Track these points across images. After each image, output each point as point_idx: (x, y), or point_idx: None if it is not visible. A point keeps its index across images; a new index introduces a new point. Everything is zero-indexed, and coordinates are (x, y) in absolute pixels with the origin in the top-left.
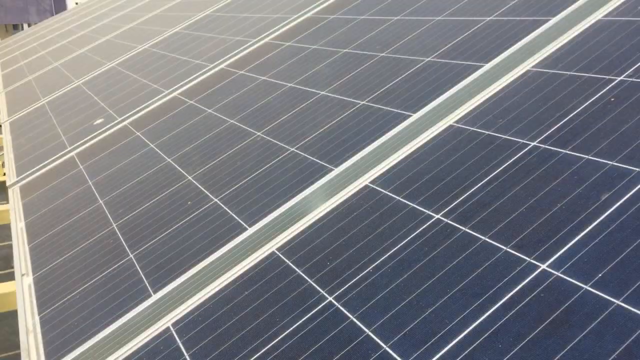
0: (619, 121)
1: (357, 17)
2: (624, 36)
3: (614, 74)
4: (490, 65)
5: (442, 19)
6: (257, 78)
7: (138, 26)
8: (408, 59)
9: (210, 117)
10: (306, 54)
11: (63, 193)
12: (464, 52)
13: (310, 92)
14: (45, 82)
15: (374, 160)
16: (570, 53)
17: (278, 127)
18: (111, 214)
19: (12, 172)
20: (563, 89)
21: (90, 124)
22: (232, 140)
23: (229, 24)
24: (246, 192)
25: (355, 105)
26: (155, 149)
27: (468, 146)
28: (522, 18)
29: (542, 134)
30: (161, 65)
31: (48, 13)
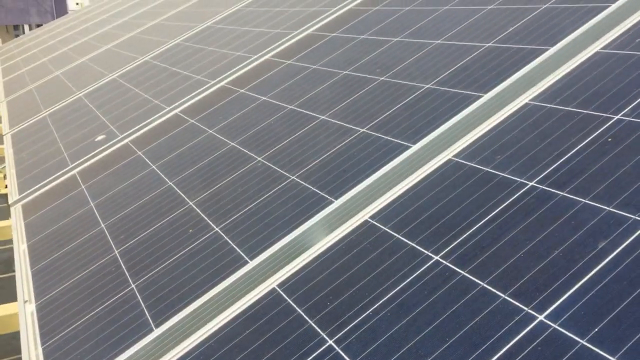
0: (616, 164)
1: (357, 37)
2: (622, 71)
3: (611, 112)
4: (489, 96)
5: (441, 43)
6: (257, 98)
7: (138, 35)
8: (408, 85)
9: (211, 139)
10: (306, 74)
11: (65, 214)
12: (463, 80)
13: (311, 116)
14: (46, 92)
15: (373, 194)
16: (568, 87)
17: (278, 152)
18: (113, 239)
19: (14, 189)
20: (561, 126)
21: (92, 140)
22: (233, 164)
23: (229, 37)
24: (247, 222)
25: (355, 133)
26: (156, 171)
27: (467, 183)
28: (520, 46)
29: (540, 173)
30: (162, 80)
31: (49, 14)
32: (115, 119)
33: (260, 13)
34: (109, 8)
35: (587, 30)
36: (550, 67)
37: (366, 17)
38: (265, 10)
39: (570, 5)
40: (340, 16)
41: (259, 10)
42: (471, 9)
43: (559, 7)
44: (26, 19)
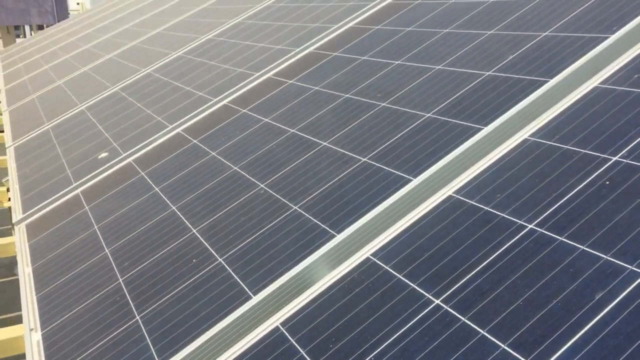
0: (613, 210)
1: (358, 58)
2: (620, 109)
3: (609, 153)
4: (489, 129)
5: (441, 69)
6: (260, 119)
7: (141, 45)
8: (409, 113)
9: (213, 162)
10: (308, 96)
11: (69, 237)
12: (464, 111)
13: (312, 142)
14: (48, 102)
15: (375, 229)
16: (566, 123)
17: (281, 179)
18: (117, 266)
19: (17, 207)
20: (559, 165)
21: (95, 157)
22: (236, 191)
23: (231, 51)
24: (250, 254)
25: (356, 162)
26: (159, 194)
27: (467, 222)
28: (520, 76)
29: (538, 215)
30: (165, 95)
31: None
32: (117, 135)
33: (262, 27)
34: (109, 14)
35: (585, 62)
36: (549, 101)
37: (367, 36)
38: (267, 24)
39: (569, 35)
40: (342, 35)
41: (260, 24)
42: (471, 34)
43: (558, 36)
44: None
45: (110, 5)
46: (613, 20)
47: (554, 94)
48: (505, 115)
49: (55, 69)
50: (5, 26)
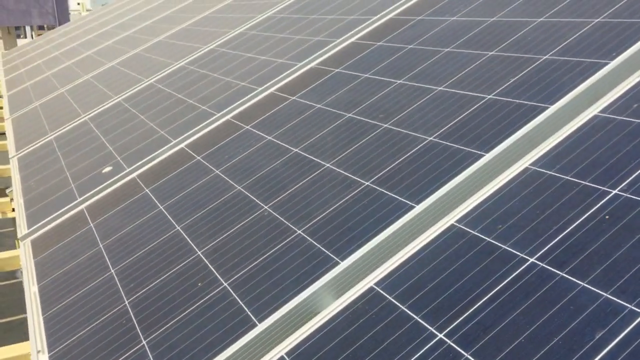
0: (613, 245)
1: (360, 75)
2: (619, 140)
3: (609, 186)
4: (491, 156)
5: (443, 90)
6: (263, 137)
7: (142, 53)
8: (411, 136)
9: (217, 180)
10: (311, 114)
11: (74, 255)
12: (465, 135)
13: (316, 163)
14: (51, 111)
15: (378, 257)
16: (567, 152)
17: (285, 201)
18: (123, 287)
19: (22, 222)
20: (560, 197)
21: (99, 171)
22: (240, 212)
23: (234, 63)
24: (255, 279)
25: (359, 186)
26: (164, 212)
27: (469, 253)
28: (521, 101)
29: (540, 248)
30: (168, 107)
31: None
32: (121, 149)
33: (264, 39)
34: (110, 19)
35: (585, 89)
36: (549, 129)
37: (369, 53)
38: (268, 36)
39: (569, 59)
40: (343, 50)
41: (262, 36)
42: (473, 54)
43: (558, 60)
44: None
45: (111, 9)
46: (612, 45)
47: (554, 121)
48: (506, 142)
49: (57, 76)
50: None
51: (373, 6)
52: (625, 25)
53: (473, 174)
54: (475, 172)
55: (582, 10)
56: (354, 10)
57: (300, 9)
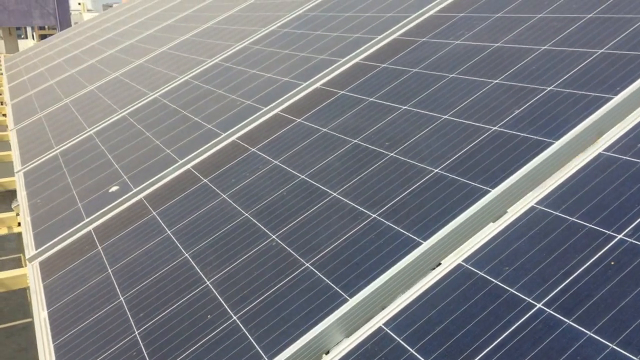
0: (619, 294)
1: (365, 99)
2: (623, 181)
3: (614, 230)
4: (497, 192)
5: (448, 119)
6: (269, 161)
7: (146, 64)
8: (417, 167)
9: (224, 206)
10: (317, 138)
11: (83, 280)
12: (471, 169)
13: (322, 192)
14: (56, 123)
15: (386, 295)
16: (572, 192)
17: (292, 231)
18: (132, 317)
19: (30, 242)
20: (566, 239)
21: (106, 190)
22: (248, 240)
23: (238, 80)
24: (264, 313)
25: (366, 218)
26: (172, 237)
27: (477, 296)
28: (526, 135)
29: (547, 294)
30: (173, 125)
31: (51, 17)
32: (127, 167)
33: (268, 55)
34: (112, 26)
35: (590, 125)
36: (555, 165)
37: (373, 75)
38: (273, 51)
39: (574, 92)
40: (348, 71)
41: (266, 51)
42: (477, 81)
43: (563, 92)
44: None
45: (112, 16)
46: (616, 79)
47: (559, 158)
48: (512, 178)
49: (61, 85)
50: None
51: (376, 25)
52: (628, 58)
53: (479, 210)
54: (481, 209)
55: (586, 39)
56: (357, 29)
57: (304, 25)
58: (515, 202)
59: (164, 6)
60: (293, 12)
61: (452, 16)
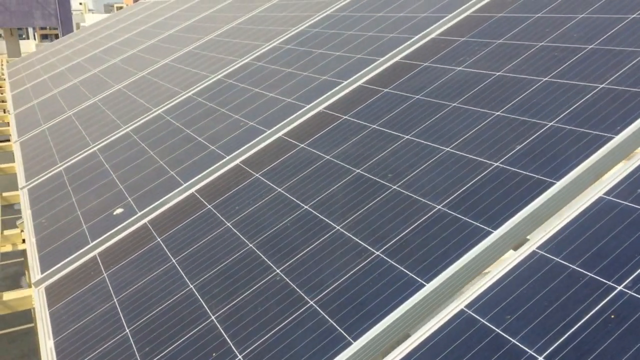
0: (619, 349)
1: (368, 126)
2: (623, 229)
3: (614, 280)
4: (499, 234)
5: (451, 152)
6: (272, 188)
7: (149, 77)
8: (419, 202)
9: (228, 235)
10: (320, 166)
11: (89, 309)
12: (473, 207)
13: (326, 225)
14: (59, 137)
15: (390, 338)
16: (573, 238)
17: (296, 266)
18: (138, 350)
19: (35, 264)
20: (567, 289)
21: (110, 212)
22: (252, 273)
23: (241, 99)
24: (269, 353)
25: (370, 255)
26: (176, 267)
27: (479, 345)
28: (527, 173)
29: (548, 346)
30: (177, 144)
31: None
32: (132, 188)
33: (271, 73)
34: (114, 33)
35: (591, 166)
36: (556, 206)
37: (376, 100)
38: (275, 69)
39: (575, 129)
40: (350, 95)
41: (269, 69)
42: (478, 113)
43: (564, 129)
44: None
45: (114, 22)
46: (617, 117)
47: (560, 199)
48: (513, 220)
49: (64, 95)
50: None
51: (378, 46)
52: (629, 94)
53: (481, 253)
54: (483, 252)
55: (587, 72)
56: (359, 49)
57: (305, 42)
58: (516, 244)
59: (165, 14)
60: (294, 29)
61: (453, 40)
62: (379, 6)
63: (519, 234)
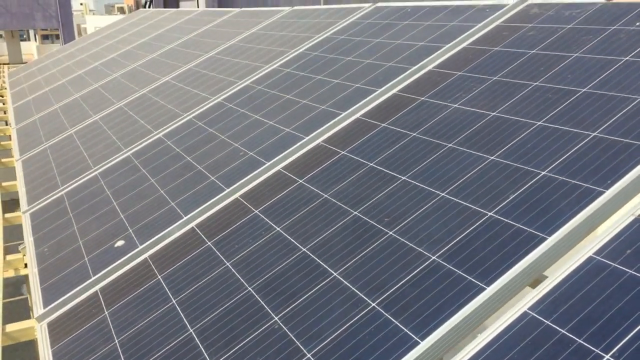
0: None
1: (366, 163)
2: (612, 292)
3: (602, 349)
4: (492, 290)
5: (446, 198)
6: (271, 227)
7: (149, 94)
8: (415, 251)
9: (228, 276)
10: (318, 205)
11: (91, 350)
12: (467, 259)
13: (324, 271)
14: (61, 156)
15: None
16: (564, 299)
17: (294, 314)
18: None
19: (38, 297)
20: (557, 354)
21: (112, 244)
22: (251, 320)
23: (241, 126)
24: None
25: (366, 307)
26: (177, 308)
27: None
28: (520, 226)
29: None
30: (177, 172)
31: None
32: (132, 218)
33: (269, 99)
34: (114, 44)
35: (582, 221)
36: (547, 262)
37: (374, 136)
38: (274, 95)
39: (566, 180)
40: (349, 128)
41: (268, 94)
42: (474, 156)
43: (557, 179)
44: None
45: (115, 31)
46: (608, 169)
47: (552, 255)
48: (506, 276)
49: (65, 111)
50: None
51: (376, 75)
52: (620, 146)
53: (475, 310)
54: (476, 309)
55: (580, 118)
56: (357, 77)
57: (304, 66)
58: (508, 300)
59: (165, 25)
60: (294, 50)
61: (450, 74)
62: (377, 31)
63: (512, 291)
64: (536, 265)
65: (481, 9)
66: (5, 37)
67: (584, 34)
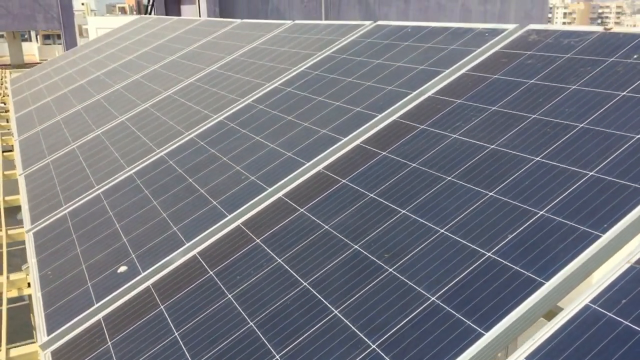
0: None
1: (366, 194)
2: (607, 344)
3: None
4: (491, 336)
5: (445, 236)
6: (272, 259)
7: (151, 109)
8: (414, 290)
9: (229, 309)
10: (319, 237)
11: None
12: (466, 302)
13: (324, 308)
14: (63, 172)
15: None
16: (560, 350)
17: (294, 353)
18: None
19: (42, 326)
20: None
21: (114, 270)
22: (253, 357)
23: (242, 148)
24: None
25: (365, 349)
26: (179, 341)
27: None
28: (518, 268)
29: None
30: (179, 195)
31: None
32: (135, 243)
33: (270, 120)
34: (116, 53)
35: (578, 267)
36: (544, 308)
37: (374, 164)
38: (276, 115)
39: (563, 221)
40: (349, 155)
41: (270, 114)
42: (473, 191)
43: (554, 221)
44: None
45: (116, 38)
46: (604, 212)
47: (550, 300)
48: (504, 322)
49: (67, 123)
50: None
51: (377, 99)
52: (617, 187)
53: (473, 357)
54: (475, 356)
55: (577, 156)
56: (359, 100)
57: (306, 86)
58: (506, 347)
59: (167, 35)
60: (295, 68)
61: (449, 101)
62: (377, 52)
63: (509, 336)
64: (534, 310)
65: (481, 32)
66: (6, 38)
67: (582, 65)
